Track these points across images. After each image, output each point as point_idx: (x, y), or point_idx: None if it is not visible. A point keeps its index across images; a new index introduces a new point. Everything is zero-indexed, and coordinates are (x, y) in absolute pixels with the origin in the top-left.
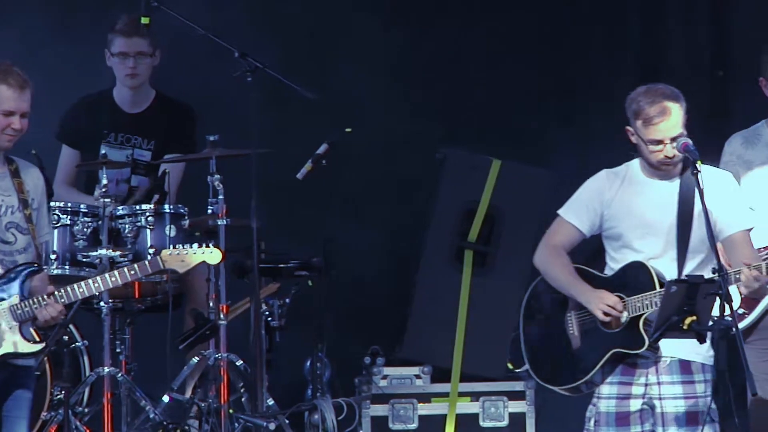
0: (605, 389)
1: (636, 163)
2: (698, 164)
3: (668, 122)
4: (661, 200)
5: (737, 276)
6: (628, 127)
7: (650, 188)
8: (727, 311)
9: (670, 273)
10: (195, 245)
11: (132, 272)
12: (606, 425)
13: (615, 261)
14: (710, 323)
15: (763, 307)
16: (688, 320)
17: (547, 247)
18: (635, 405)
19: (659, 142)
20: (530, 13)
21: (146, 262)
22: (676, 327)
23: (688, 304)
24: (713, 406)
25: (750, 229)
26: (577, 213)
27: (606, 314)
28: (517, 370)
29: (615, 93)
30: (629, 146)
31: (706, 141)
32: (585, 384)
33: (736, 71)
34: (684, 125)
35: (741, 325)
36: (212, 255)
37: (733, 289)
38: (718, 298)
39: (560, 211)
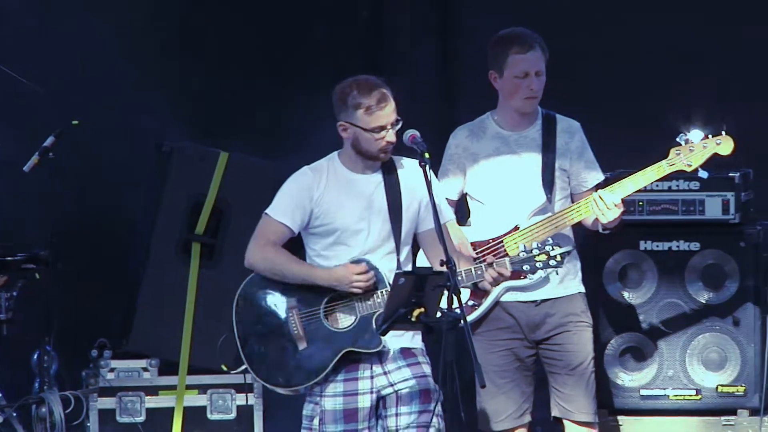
0: (330, 387)
1: (335, 157)
2: (425, 156)
3: (389, 107)
4: (370, 194)
5: (478, 272)
6: (341, 122)
7: (357, 183)
8: (456, 303)
9: (387, 266)
10: None
11: None
12: (333, 423)
13: (325, 258)
14: (438, 315)
15: (492, 299)
16: (416, 312)
17: (262, 246)
18: (364, 401)
19: (383, 128)
20: None
21: None
22: (405, 319)
23: (416, 296)
24: (436, 386)
25: (449, 222)
26: (286, 211)
27: (359, 287)
28: (232, 371)
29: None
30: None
31: (432, 132)
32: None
33: (462, 63)
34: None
35: (470, 317)
36: None
37: None
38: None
39: (268, 211)
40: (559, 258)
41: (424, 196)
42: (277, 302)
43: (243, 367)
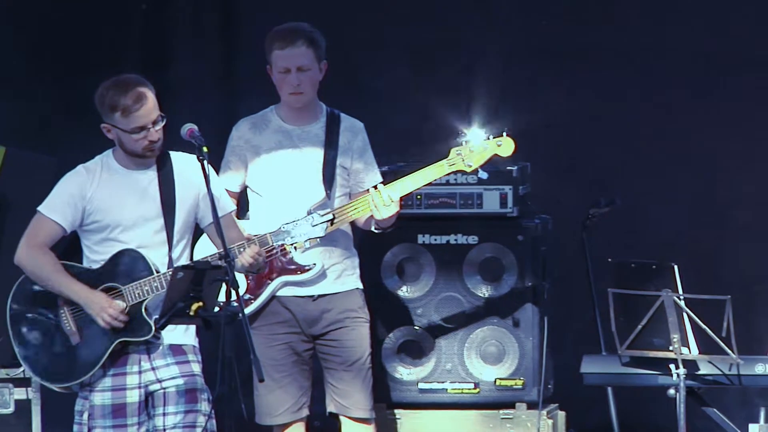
0: (99, 382)
1: (110, 154)
2: (203, 150)
3: (147, 107)
4: (143, 190)
5: (240, 250)
6: (104, 124)
7: (130, 179)
8: (234, 297)
9: (159, 260)
10: None
11: None
12: (102, 418)
13: (97, 253)
14: (216, 309)
15: (269, 292)
16: (194, 306)
17: (32, 247)
18: (132, 396)
19: (141, 128)
20: None
21: None
22: (183, 313)
23: (194, 290)
24: (205, 386)
25: (232, 212)
26: (59, 210)
27: (106, 321)
28: (10, 375)
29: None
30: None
31: (214, 125)
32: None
33: (245, 56)
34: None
35: (247, 310)
36: None
37: (240, 276)
38: (224, 284)
39: (40, 208)
40: (319, 225)
41: (201, 189)
42: (49, 299)
43: (22, 368)
